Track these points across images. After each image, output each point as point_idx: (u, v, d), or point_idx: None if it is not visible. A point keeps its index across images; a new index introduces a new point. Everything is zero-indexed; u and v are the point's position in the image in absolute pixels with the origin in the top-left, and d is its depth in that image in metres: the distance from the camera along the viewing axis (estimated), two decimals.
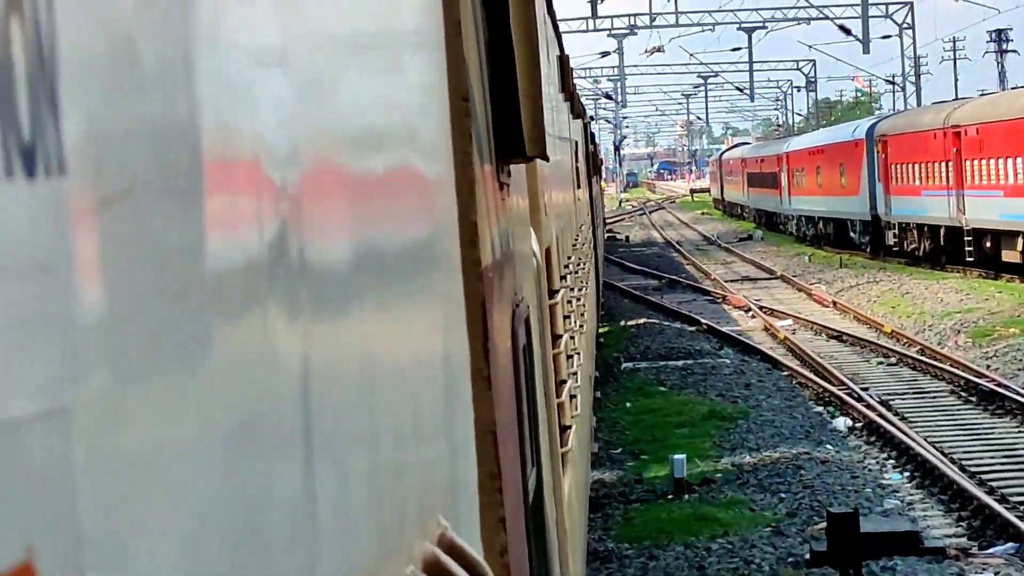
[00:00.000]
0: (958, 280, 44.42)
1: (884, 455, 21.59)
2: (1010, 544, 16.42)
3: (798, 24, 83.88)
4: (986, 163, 44.49)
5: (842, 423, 23.91)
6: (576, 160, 18.77)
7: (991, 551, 16.32)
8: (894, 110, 79.88)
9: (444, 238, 2.92)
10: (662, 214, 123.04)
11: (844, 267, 54.21)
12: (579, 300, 12.47)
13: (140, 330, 1.11)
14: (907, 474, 20.25)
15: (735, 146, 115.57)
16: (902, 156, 52.75)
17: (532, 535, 4.48)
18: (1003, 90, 63.75)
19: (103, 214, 1.05)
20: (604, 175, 61.09)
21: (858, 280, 48.44)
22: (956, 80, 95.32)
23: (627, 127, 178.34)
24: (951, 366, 28.31)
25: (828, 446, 21.62)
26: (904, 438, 21.57)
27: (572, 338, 9.96)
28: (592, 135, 37.45)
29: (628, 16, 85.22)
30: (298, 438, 1.55)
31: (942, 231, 49.21)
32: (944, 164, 48.03)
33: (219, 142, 1.35)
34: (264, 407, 1.43)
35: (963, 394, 26.05)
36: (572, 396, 8.88)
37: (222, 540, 1.27)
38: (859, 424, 23.68)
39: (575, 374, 9.68)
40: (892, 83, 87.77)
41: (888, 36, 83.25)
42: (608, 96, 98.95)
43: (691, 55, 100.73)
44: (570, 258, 12.53)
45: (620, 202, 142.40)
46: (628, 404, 26.14)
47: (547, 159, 5.65)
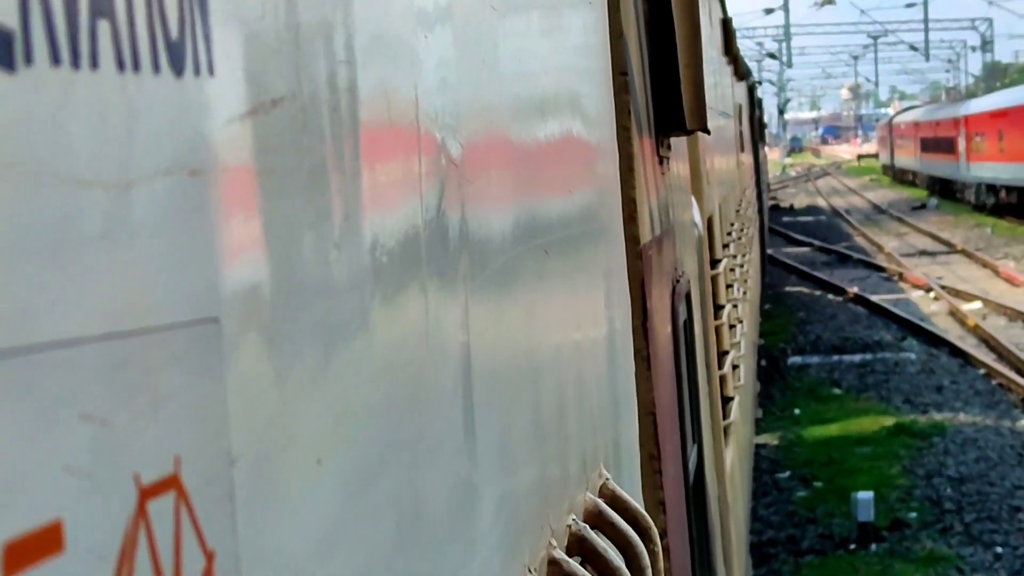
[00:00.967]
0: None
1: None
2: None
3: None
4: None
5: None
6: (740, 124, 18.21)
7: None
8: None
9: (607, 209, 2.90)
10: (828, 180, 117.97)
11: None
12: (742, 267, 11.93)
13: (294, 253, 1.09)
14: None
15: (906, 109, 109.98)
16: None
17: (693, 516, 4.46)
18: None
19: (253, 121, 1.03)
20: (767, 140, 57.22)
21: None
22: None
23: (791, 90, 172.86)
24: None
25: None
26: None
27: (735, 307, 9.58)
28: (758, 99, 35.60)
29: None
30: (459, 398, 1.55)
31: None
32: None
33: (376, 101, 1.33)
34: (428, 368, 1.43)
35: None
36: (735, 367, 8.62)
37: (378, 482, 1.25)
38: None
39: (738, 344, 9.37)
40: None
41: None
42: (772, 56, 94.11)
43: (862, 11, 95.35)
44: (733, 225, 12.03)
45: (784, 167, 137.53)
46: (797, 411, 22.17)
47: (708, 132, 5.24)
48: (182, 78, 0.92)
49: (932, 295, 36.93)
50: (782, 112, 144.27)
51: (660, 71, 4.41)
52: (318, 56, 1.17)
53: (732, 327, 9.06)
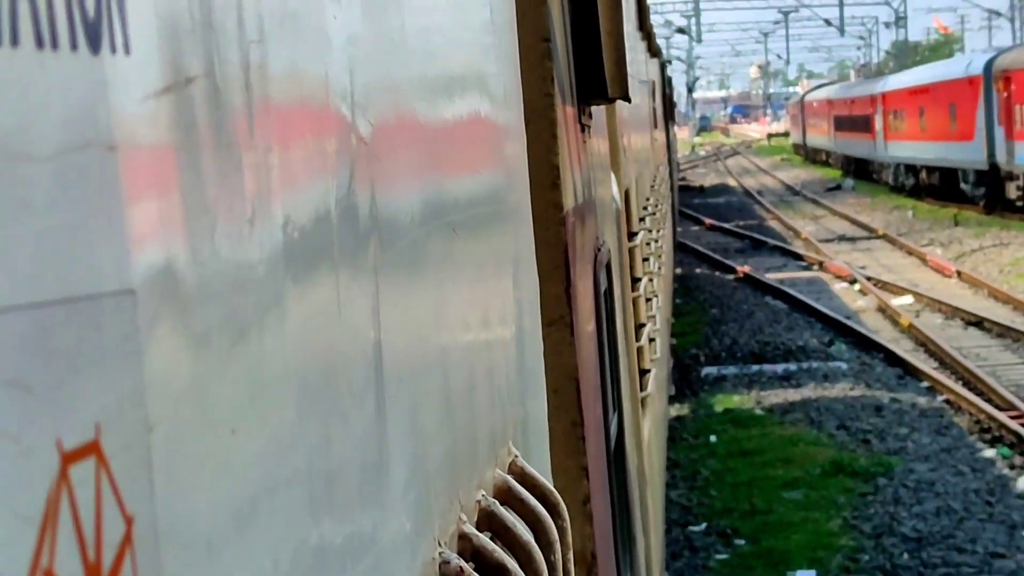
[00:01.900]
0: None
1: None
2: None
3: None
4: None
5: None
6: (653, 101, 18.22)
7: None
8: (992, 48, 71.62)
9: (515, 186, 2.90)
10: (738, 160, 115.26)
11: (959, 225, 46.36)
12: (657, 243, 12.00)
13: (208, 229, 1.12)
14: None
15: (819, 87, 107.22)
16: None
17: (614, 483, 4.48)
18: None
19: (168, 99, 1.06)
20: (676, 119, 54.28)
21: (980, 242, 40.61)
22: None
23: (700, 68, 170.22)
24: None
25: None
26: None
27: (651, 280, 9.47)
28: (668, 78, 35.26)
29: None
30: (371, 374, 1.57)
31: None
32: None
33: (288, 80, 1.35)
34: (339, 344, 1.45)
35: None
36: (651, 339, 8.53)
37: (291, 454, 1.27)
38: None
39: (653, 317, 9.34)
40: (996, 15, 79.37)
41: None
42: (682, 31, 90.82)
43: None
44: (648, 200, 12.20)
45: (693, 147, 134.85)
46: (712, 438, 18.66)
47: (629, 100, 5.37)
48: (99, 55, 0.95)
49: (857, 287, 33.65)
50: (691, 90, 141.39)
51: (581, 39, 4.42)
52: (231, 35, 1.19)
53: (648, 300, 8.95)
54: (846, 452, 17.28)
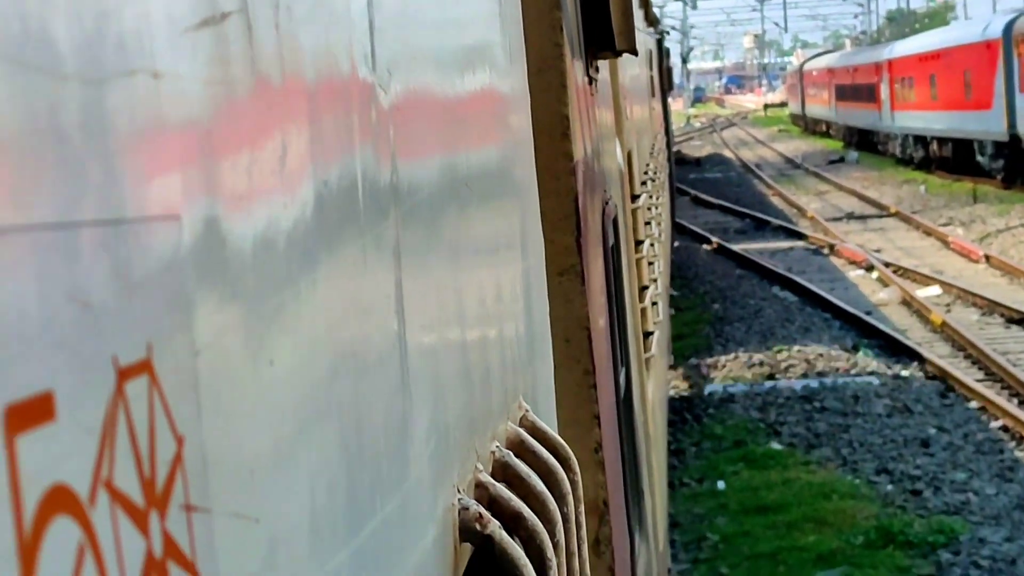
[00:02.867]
0: None
1: None
2: None
3: None
4: None
5: None
6: (651, 70, 18.13)
7: None
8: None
9: (521, 150, 2.91)
10: (734, 131, 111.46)
11: (979, 201, 42.68)
12: (657, 208, 11.77)
13: (245, 160, 1.15)
14: None
15: (819, 55, 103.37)
16: None
17: (624, 434, 4.50)
18: None
19: (206, 32, 1.09)
20: (671, 90, 50.71)
21: (1006, 221, 36.92)
22: None
23: (694, 38, 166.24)
24: None
25: None
26: None
27: (652, 245, 9.28)
28: (666, 50, 34.19)
29: None
30: (394, 329, 1.61)
31: None
32: None
33: (314, 25, 1.38)
34: (366, 300, 1.50)
35: None
36: (653, 303, 8.49)
37: (324, 391, 1.31)
38: None
39: (655, 280, 9.29)
40: None
41: None
42: None
43: None
44: (648, 165, 11.95)
45: (688, 118, 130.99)
46: (721, 484, 14.97)
47: (636, 54, 5.40)
48: None
49: (875, 275, 29.99)
50: (685, 61, 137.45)
51: None
52: None
53: (651, 263, 8.76)
54: (893, 510, 13.59)
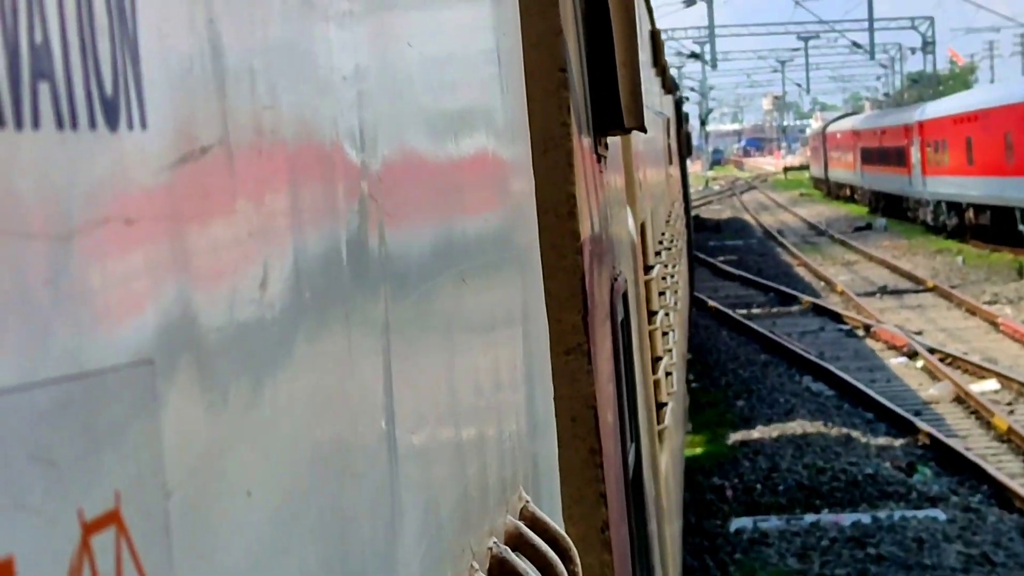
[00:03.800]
0: None
1: None
2: None
3: None
4: None
5: None
6: (668, 137, 17.82)
7: None
8: None
9: (522, 225, 2.88)
10: (754, 195, 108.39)
11: None
12: (673, 278, 11.68)
13: (222, 296, 1.14)
14: None
15: (841, 117, 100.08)
16: None
17: (632, 512, 4.43)
18: None
19: (183, 169, 1.08)
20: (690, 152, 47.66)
21: None
22: None
23: (713, 99, 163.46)
24: None
25: None
26: None
27: (667, 315, 9.28)
28: (685, 114, 34.07)
29: None
30: (382, 426, 1.57)
31: None
32: None
33: (299, 142, 1.38)
34: (352, 398, 1.46)
35: None
36: (668, 373, 8.51)
37: (305, 511, 1.29)
38: None
39: (670, 351, 9.27)
40: None
41: None
42: (695, 55, 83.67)
43: (796, 2, 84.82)
44: (664, 234, 11.92)
45: (707, 181, 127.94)
46: None
47: (645, 131, 5.50)
48: (117, 132, 0.98)
49: (919, 363, 26.46)
50: (704, 123, 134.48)
51: (597, 70, 4.41)
52: (244, 102, 1.22)
53: (665, 334, 8.72)
54: None
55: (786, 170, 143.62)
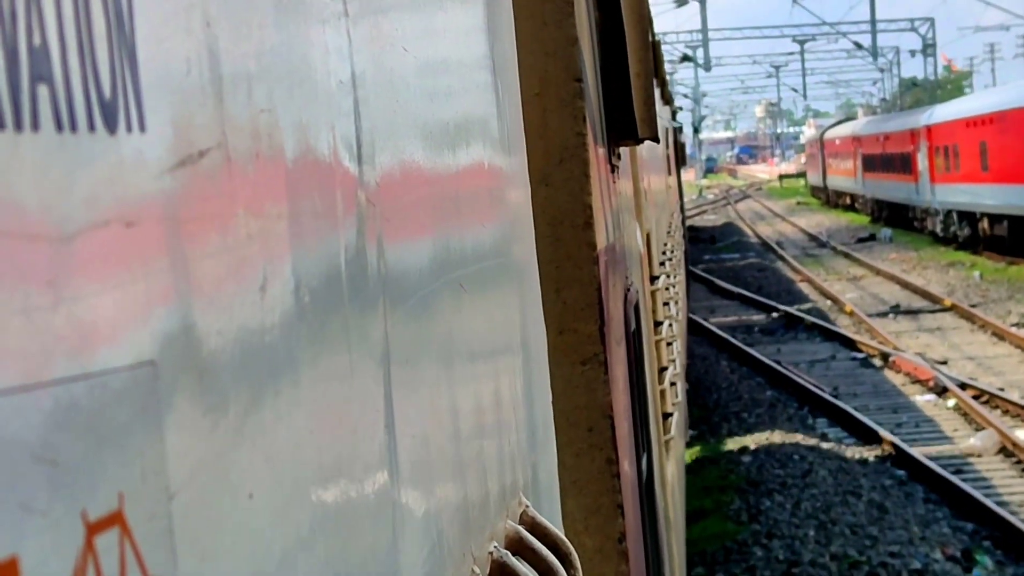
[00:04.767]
0: None
1: None
2: None
3: None
4: None
5: None
6: (667, 147, 17.99)
7: None
8: None
9: (520, 232, 2.89)
10: (749, 204, 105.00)
11: None
12: (674, 287, 11.33)
13: (222, 298, 1.15)
14: None
15: (839, 122, 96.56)
16: None
17: (647, 522, 4.42)
18: None
19: (182, 173, 1.09)
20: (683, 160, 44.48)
21: None
22: None
23: (706, 106, 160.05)
24: None
25: None
26: None
27: (671, 325, 9.13)
28: (679, 124, 32.87)
29: None
30: (382, 432, 1.58)
31: None
32: None
33: (296, 146, 1.39)
34: (352, 403, 1.47)
35: None
36: (672, 383, 8.37)
37: (306, 514, 1.29)
38: None
39: (673, 361, 9.07)
40: None
41: None
42: (687, 58, 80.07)
43: (794, 1, 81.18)
44: (666, 244, 11.89)
45: (700, 190, 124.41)
46: None
47: (658, 141, 5.48)
48: (115, 135, 0.98)
49: (951, 402, 22.89)
50: (697, 130, 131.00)
51: (610, 80, 4.42)
52: (241, 106, 1.23)
53: (669, 344, 8.58)
54: None
55: (781, 178, 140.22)
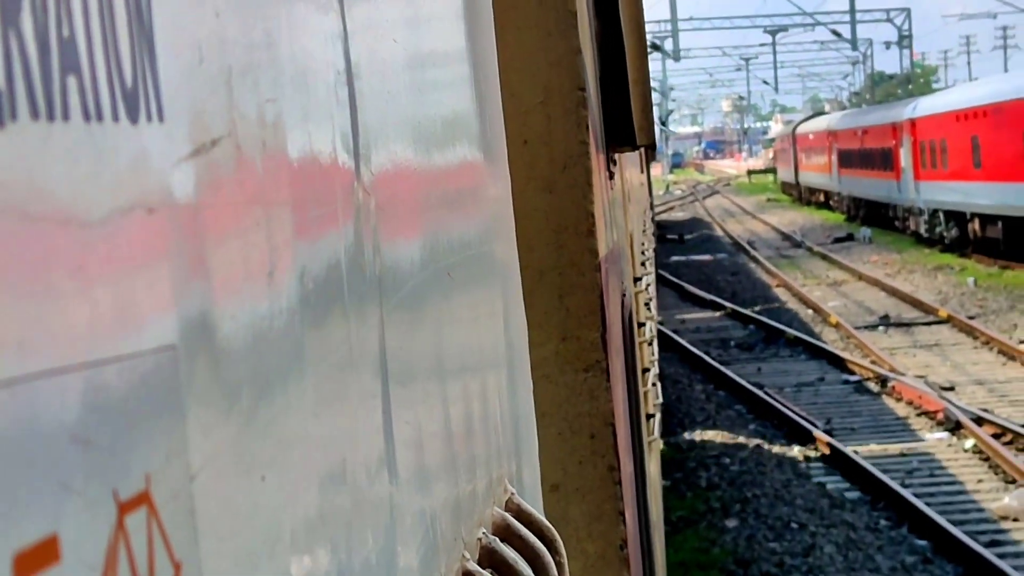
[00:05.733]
0: None
1: None
2: None
3: None
4: None
5: None
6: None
7: None
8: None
9: (502, 231, 2.93)
10: (718, 200, 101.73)
11: None
12: (651, 286, 11.60)
13: (234, 282, 1.19)
14: None
15: (812, 116, 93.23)
16: None
17: (643, 523, 4.43)
18: None
19: (197, 161, 1.12)
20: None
21: None
22: None
23: (672, 100, 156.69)
24: None
25: None
26: None
27: (650, 327, 9.11)
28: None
29: None
30: (380, 421, 1.63)
31: None
32: None
33: (300, 135, 1.43)
34: (352, 391, 1.52)
35: None
36: (654, 384, 8.41)
37: (313, 496, 1.33)
38: None
39: (654, 361, 9.18)
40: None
41: None
42: (656, 47, 76.78)
43: None
44: (643, 244, 12.03)
45: (667, 186, 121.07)
46: None
47: (656, 148, 6.83)
48: (137, 125, 1.01)
49: (969, 442, 19.40)
50: (665, 123, 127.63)
51: (608, 87, 4.45)
52: (248, 96, 1.26)
53: (649, 344, 8.58)
54: None
55: (750, 173, 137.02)
